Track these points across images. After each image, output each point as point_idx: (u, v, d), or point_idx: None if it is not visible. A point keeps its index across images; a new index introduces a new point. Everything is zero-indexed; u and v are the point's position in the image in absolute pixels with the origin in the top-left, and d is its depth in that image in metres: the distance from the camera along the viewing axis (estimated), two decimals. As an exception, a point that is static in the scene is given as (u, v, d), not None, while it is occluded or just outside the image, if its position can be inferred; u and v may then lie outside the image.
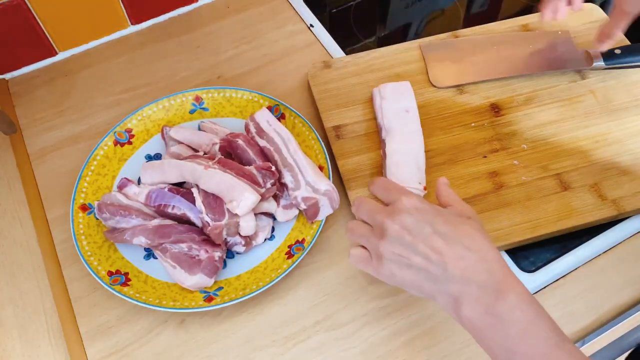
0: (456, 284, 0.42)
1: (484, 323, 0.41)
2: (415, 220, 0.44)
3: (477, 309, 0.41)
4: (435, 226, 0.44)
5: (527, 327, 0.40)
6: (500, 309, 0.40)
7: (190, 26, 0.83)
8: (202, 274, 0.57)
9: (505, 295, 0.41)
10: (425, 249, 0.43)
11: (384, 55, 0.75)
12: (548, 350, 0.39)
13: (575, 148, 0.66)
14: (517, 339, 0.40)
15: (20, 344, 0.58)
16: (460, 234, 0.43)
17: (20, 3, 0.70)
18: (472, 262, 0.42)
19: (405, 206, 0.45)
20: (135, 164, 0.67)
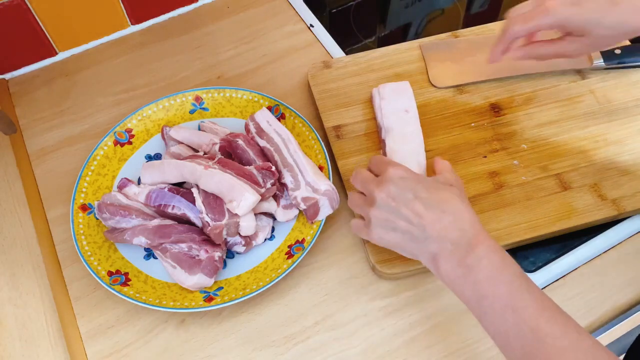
0: (434, 243, 0.48)
1: (457, 274, 0.46)
2: (398, 188, 0.50)
3: (452, 262, 0.47)
4: (417, 193, 0.49)
5: (492, 273, 0.44)
6: (470, 260, 0.45)
7: (190, 26, 0.83)
8: (202, 274, 0.56)
9: (474, 249, 0.46)
10: (408, 213, 0.49)
11: (384, 55, 0.75)
12: (511, 291, 0.43)
13: (575, 148, 0.66)
14: (484, 284, 0.44)
15: (20, 344, 0.58)
16: (439, 199, 0.49)
17: (20, 3, 0.70)
18: (446, 223, 0.47)
19: (391, 176, 0.51)
20: (135, 164, 0.67)
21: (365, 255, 0.61)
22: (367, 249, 0.60)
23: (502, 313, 0.43)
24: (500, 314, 0.43)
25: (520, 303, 0.43)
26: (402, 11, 0.89)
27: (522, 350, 0.42)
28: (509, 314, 0.43)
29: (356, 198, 0.55)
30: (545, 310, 0.43)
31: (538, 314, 0.42)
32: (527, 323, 0.42)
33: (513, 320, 0.43)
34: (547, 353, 0.41)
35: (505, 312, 0.43)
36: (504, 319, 0.43)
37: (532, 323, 0.42)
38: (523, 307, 0.43)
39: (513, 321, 0.43)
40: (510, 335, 0.43)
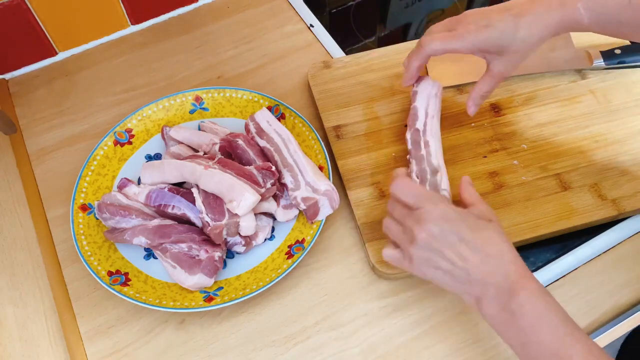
0: (478, 286, 0.47)
1: (500, 319, 0.46)
2: (441, 229, 0.48)
3: (495, 307, 0.46)
4: (460, 235, 0.47)
5: (537, 319, 0.44)
6: (513, 305, 0.45)
7: (190, 26, 0.83)
8: (202, 274, 0.56)
9: (518, 293, 0.45)
10: (452, 255, 0.47)
11: (384, 55, 0.75)
12: (556, 339, 0.43)
13: (575, 148, 0.66)
14: (528, 330, 0.44)
15: (20, 344, 0.58)
16: (483, 240, 0.47)
17: (20, 3, 0.70)
18: (491, 267, 0.46)
19: (432, 215, 0.48)
20: (135, 164, 0.67)
21: (365, 255, 0.61)
22: (367, 249, 0.60)
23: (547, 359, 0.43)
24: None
25: (566, 351, 0.43)
26: (402, 11, 0.89)
27: None
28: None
29: (393, 227, 0.52)
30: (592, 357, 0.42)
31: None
32: None
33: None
34: None
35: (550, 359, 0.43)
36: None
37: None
38: (568, 356, 0.42)
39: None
40: None
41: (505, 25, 0.53)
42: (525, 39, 0.54)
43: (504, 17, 0.53)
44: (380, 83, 0.72)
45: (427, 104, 0.64)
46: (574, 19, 0.53)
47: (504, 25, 0.53)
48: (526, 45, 0.54)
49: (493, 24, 0.54)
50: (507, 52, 0.55)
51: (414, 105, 0.64)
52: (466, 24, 0.55)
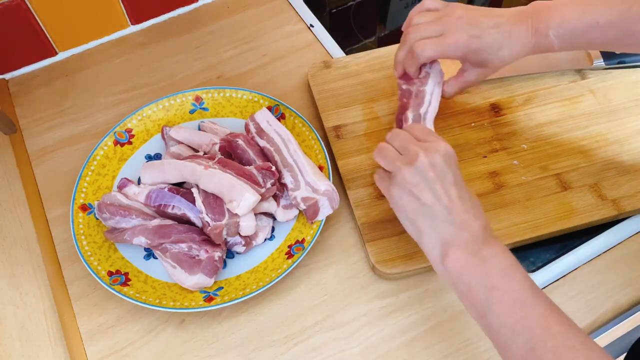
0: (453, 228, 0.48)
1: (469, 262, 0.47)
2: (444, 164, 0.50)
3: (465, 251, 0.47)
4: (456, 178, 0.50)
5: (506, 269, 0.46)
6: (485, 252, 0.47)
7: (190, 26, 0.83)
8: (202, 274, 0.56)
9: (490, 245, 0.47)
10: (441, 191, 0.49)
11: (384, 55, 0.75)
12: (523, 288, 0.44)
13: (575, 148, 0.66)
14: (497, 277, 0.45)
15: (20, 344, 0.58)
16: (469, 193, 0.50)
17: (20, 3, 0.70)
18: (471, 217, 0.48)
19: (441, 150, 0.50)
20: (135, 164, 0.67)
21: (365, 255, 0.61)
22: (367, 249, 0.60)
23: (511, 306, 0.44)
24: (509, 307, 0.44)
25: (531, 300, 0.44)
26: (402, 11, 0.89)
27: (526, 345, 0.42)
28: (518, 308, 0.44)
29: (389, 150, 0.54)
30: (555, 313, 0.43)
31: (548, 313, 0.43)
32: (537, 320, 0.43)
33: (522, 314, 0.43)
34: (556, 349, 0.41)
35: (514, 306, 0.44)
36: (513, 312, 0.44)
37: (542, 320, 0.43)
38: (533, 305, 0.44)
39: (522, 315, 0.43)
40: (516, 329, 0.43)
41: (493, 41, 0.56)
42: (504, 58, 0.57)
43: (493, 33, 0.56)
44: (380, 83, 0.72)
45: (433, 90, 0.63)
46: (546, 44, 0.56)
47: (492, 41, 0.56)
48: (502, 63, 0.58)
49: (483, 37, 0.56)
50: (486, 65, 0.59)
51: (423, 89, 0.63)
52: (456, 29, 0.56)
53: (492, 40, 0.56)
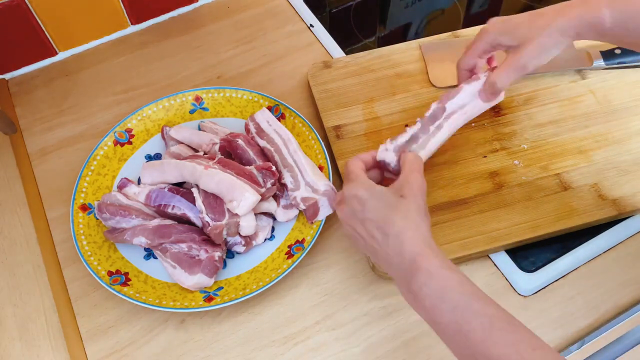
0: (386, 267, 0.48)
1: (409, 300, 0.47)
2: (351, 209, 0.50)
3: (402, 288, 0.47)
4: (366, 214, 0.49)
5: (435, 300, 0.44)
6: (413, 287, 0.45)
7: (190, 26, 0.83)
8: (202, 274, 0.56)
9: (414, 275, 0.45)
10: (363, 232, 0.49)
11: (384, 55, 0.75)
12: (455, 318, 0.43)
13: (575, 148, 0.66)
14: (430, 312, 0.44)
15: (20, 344, 0.58)
16: (384, 221, 0.48)
17: (20, 3, 0.70)
18: (390, 249, 0.47)
19: (345, 195, 0.51)
20: (135, 164, 0.67)
21: (365, 255, 0.61)
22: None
23: (452, 338, 0.44)
24: (451, 339, 0.44)
25: (466, 327, 0.42)
26: (402, 11, 0.89)
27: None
28: (457, 340, 0.43)
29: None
30: (493, 331, 0.42)
31: (486, 337, 0.41)
32: (477, 348, 0.42)
33: (463, 344, 0.43)
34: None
35: (454, 338, 0.43)
36: (456, 344, 0.44)
37: (481, 348, 0.41)
38: (470, 332, 0.42)
39: (463, 345, 0.43)
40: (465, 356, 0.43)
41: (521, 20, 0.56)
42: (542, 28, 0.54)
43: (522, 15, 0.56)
44: (380, 83, 0.72)
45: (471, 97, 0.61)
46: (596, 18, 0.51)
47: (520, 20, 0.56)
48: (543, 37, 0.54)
49: (510, 18, 0.56)
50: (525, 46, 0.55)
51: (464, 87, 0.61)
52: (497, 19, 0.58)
53: (521, 17, 0.55)
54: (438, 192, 0.63)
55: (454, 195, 0.63)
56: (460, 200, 0.62)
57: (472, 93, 0.61)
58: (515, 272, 0.60)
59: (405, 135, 0.59)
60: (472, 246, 0.59)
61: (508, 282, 0.59)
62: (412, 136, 0.60)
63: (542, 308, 0.57)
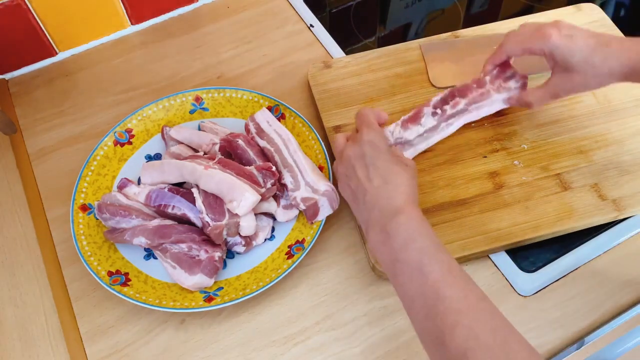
0: (368, 208, 0.51)
1: (378, 239, 0.49)
2: (362, 151, 0.54)
3: (376, 229, 0.50)
4: (374, 160, 0.53)
5: (407, 240, 0.47)
6: (389, 227, 0.49)
7: (190, 26, 0.83)
8: (202, 274, 0.56)
9: (396, 217, 0.49)
10: (361, 174, 0.53)
11: (384, 55, 0.75)
12: (421, 257, 0.46)
13: (575, 148, 0.66)
14: (398, 250, 0.47)
15: (20, 344, 0.58)
16: (389, 171, 0.52)
17: (20, 3, 0.70)
18: (383, 193, 0.51)
19: (363, 137, 0.55)
20: (135, 164, 0.67)
21: (365, 255, 0.61)
22: (367, 249, 0.60)
23: (410, 276, 0.46)
24: (409, 277, 0.46)
25: (427, 268, 0.46)
26: (402, 11, 0.89)
27: (423, 310, 0.45)
28: (415, 277, 0.46)
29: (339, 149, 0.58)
30: (449, 276, 0.45)
31: (441, 278, 0.45)
32: (431, 286, 0.45)
33: (419, 282, 0.46)
34: (444, 313, 0.43)
35: (412, 275, 0.46)
36: (411, 282, 0.46)
37: (435, 286, 0.45)
38: (429, 272, 0.45)
39: (419, 283, 0.46)
40: (415, 297, 0.46)
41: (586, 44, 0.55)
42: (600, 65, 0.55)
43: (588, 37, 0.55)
44: (380, 83, 0.72)
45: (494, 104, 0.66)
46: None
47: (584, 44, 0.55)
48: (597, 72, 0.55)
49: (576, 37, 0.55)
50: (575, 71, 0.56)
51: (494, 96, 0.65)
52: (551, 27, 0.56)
53: (585, 43, 0.55)
54: (438, 192, 0.63)
55: (454, 195, 0.63)
56: (460, 201, 0.62)
57: (498, 101, 0.65)
58: (515, 272, 0.60)
59: (413, 132, 0.64)
60: (472, 246, 0.59)
61: (508, 282, 0.59)
62: (420, 133, 0.64)
63: (542, 308, 0.57)
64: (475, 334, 0.41)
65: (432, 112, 0.65)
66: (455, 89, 0.66)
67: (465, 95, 0.65)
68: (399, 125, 0.64)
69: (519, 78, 0.66)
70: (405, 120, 0.64)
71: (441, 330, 0.43)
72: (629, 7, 0.88)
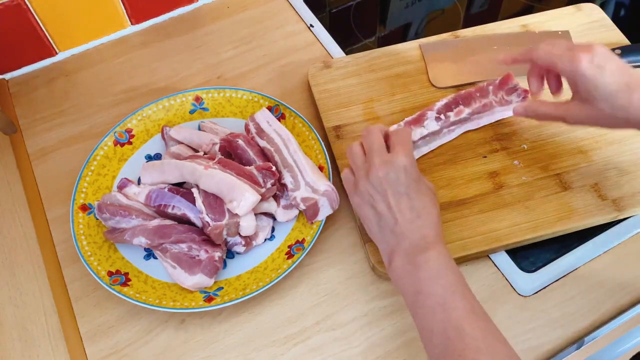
0: (397, 238, 0.51)
1: (405, 270, 0.50)
2: (397, 178, 0.52)
3: (404, 259, 0.50)
4: (409, 190, 0.52)
5: (434, 274, 0.48)
6: (418, 259, 0.49)
7: (190, 26, 0.83)
8: (202, 274, 0.56)
9: (426, 251, 0.49)
10: (392, 201, 0.52)
11: (384, 55, 0.75)
12: (445, 293, 0.47)
13: (575, 148, 0.66)
14: (424, 282, 0.48)
15: (20, 344, 0.58)
16: (422, 203, 0.52)
17: (20, 3, 0.70)
18: (415, 226, 0.51)
19: (397, 163, 0.53)
20: (135, 164, 0.67)
21: (365, 255, 0.61)
22: (367, 249, 0.60)
23: (432, 309, 0.47)
24: (431, 310, 0.47)
25: (451, 304, 0.46)
26: (402, 11, 0.89)
27: (442, 346, 0.45)
28: (438, 311, 0.46)
29: (357, 155, 0.56)
30: (472, 315, 0.46)
31: (464, 317, 0.45)
32: (453, 322, 0.45)
33: (441, 317, 0.46)
34: (462, 350, 0.44)
35: (435, 309, 0.46)
36: (433, 315, 0.47)
37: (457, 323, 0.45)
38: (452, 308, 0.46)
39: (440, 318, 0.46)
40: (434, 331, 0.46)
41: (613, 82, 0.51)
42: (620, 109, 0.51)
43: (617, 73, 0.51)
44: (380, 83, 0.72)
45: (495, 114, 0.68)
46: None
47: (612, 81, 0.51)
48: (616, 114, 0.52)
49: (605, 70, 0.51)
50: (594, 105, 0.53)
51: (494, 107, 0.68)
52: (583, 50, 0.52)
53: (614, 81, 0.51)
54: (438, 192, 0.63)
55: (454, 195, 0.63)
56: (460, 201, 0.62)
57: (500, 112, 0.68)
58: (515, 272, 0.60)
59: (416, 134, 0.65)
60: (472, 246, 0.59)
61: (508, 282, 0.59)
62: (422, 136, 0.65)
63: (542, 308, 0.57)
64: None
65: (436, 116, 0.66)
66: (458, 97, 0.67)
67: (469, 104, 0.67)
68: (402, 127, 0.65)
69: (521, 92, 0.67)
70: (409, 122, 0.65)
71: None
72: (629, 7, 0.88)
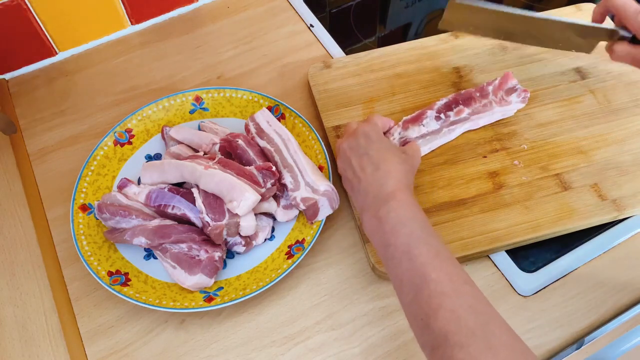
0: (363, 196, 0.53)
1: (372, 225, 0.51)
2: (356, 143, 0.56)
3: (369, 214, 0.52)
4: (368, 150, 0.55)
5: (397, 225, 0.49)
6: (381, 212, 0.50)
7: (190, 26, 0.83)
8: (202, 274, 0.56)
9: (387, 202, 0.50)
10: (356, 165, 0.55)
11: (384, 55, 0.75)
12: (409, 241, 0.48)
13: (575, 148, 0.66)
14: (388, 234, 0.49)
15: (20, 344, 0.58)
16: (382, 159, 0.54)
17: (20, 3, 0.70)
18: (376, 179, 0.53)
19: (358, 132, 0.57)
20: (135, 164, 0.67)
21: (365, 255, 0.61)
22: (367, 249, 0.60)
23: (399, 260, 0.48)
24: (398, 261, 0.48)
25: (415, 251, 0.47)
26: (402, 11, 0.89)
27: (411, 293, 0.46)
28: (404, 261, 0.47)
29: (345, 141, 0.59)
30: (436, 260, 0.46)
31: (428, 262, 0.46)
32: (417, 270, 0.46)
33: (407, 266, 0.47)
34: (429, 296, 0.44)
35: (401, 259, 0.47)
36: (400, 265, 0.47)
37: (422, 270, 0.46)
38: (416, 255, 0.47)
39: (407, 267, 0.47)
40: (404, 279, 0.47)
41: None
42: None
43: None
44: (380, 83, 0.72)
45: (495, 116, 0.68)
46: None
47: None
48: None
49: None
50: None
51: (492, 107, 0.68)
52: None
53: None
54: (438, 192, 0.63)
55: (454, 195, 0.63)
56: (460, 201, 0.62)
57: (499, 112, 0.68)
58: (515, 273, 0.60)
59: (414, 131, 0.65)
60: (472, 246, 0.59)
61: (508, 282, 0.59)
62: (422, 134, 0.66)
63: (542, 308, 0.57)
64: (457, 317, 0.42)
65: (436, 116, 0.66)
66: (458, 96, 0.67)
67: (469, 104, 0.67)
68: (400, 125, 0.65)
69: (521, 92, 0.68)
70: (407, 121, 0.65)
71: (426, 312, 0.44)
72: (629, 7, 0.87)
